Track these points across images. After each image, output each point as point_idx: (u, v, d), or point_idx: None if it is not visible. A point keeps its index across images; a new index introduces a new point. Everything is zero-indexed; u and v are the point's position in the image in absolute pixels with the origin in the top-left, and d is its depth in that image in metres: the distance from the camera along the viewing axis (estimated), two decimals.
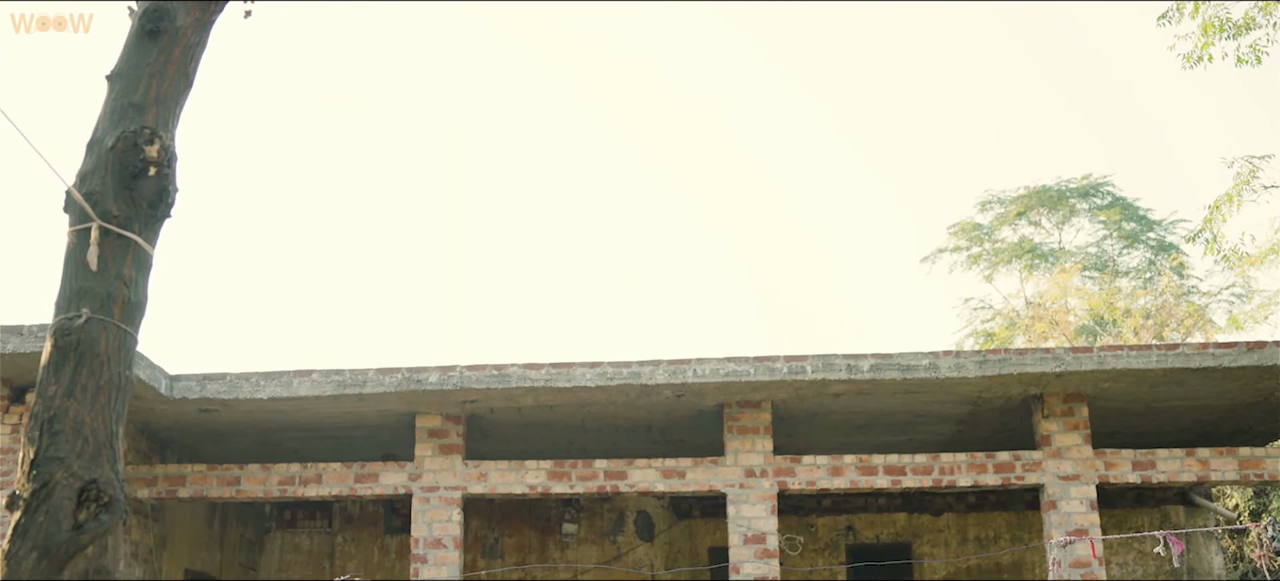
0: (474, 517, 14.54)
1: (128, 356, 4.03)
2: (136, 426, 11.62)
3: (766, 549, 10.95)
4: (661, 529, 14.71)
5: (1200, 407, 11.82)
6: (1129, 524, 14.27)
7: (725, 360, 10.64)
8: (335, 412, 11.37)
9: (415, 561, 11.01)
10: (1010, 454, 11.21)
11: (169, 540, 12.46)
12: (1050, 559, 10.89)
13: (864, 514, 14.69)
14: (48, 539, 3.78)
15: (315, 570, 14.51)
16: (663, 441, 12.67)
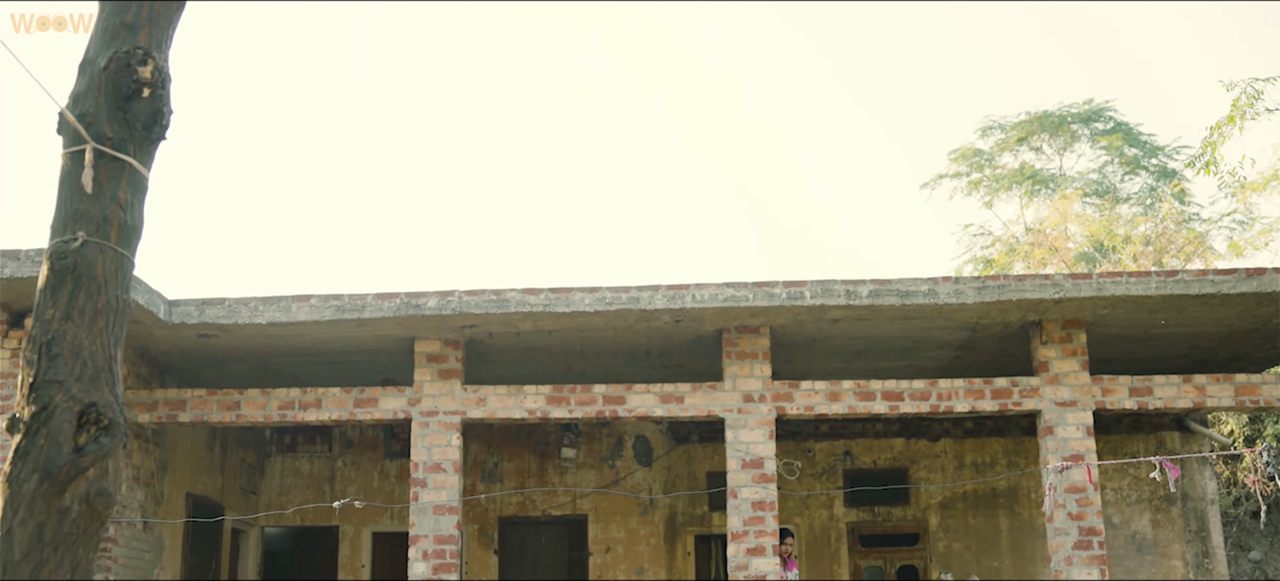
0: (473, 442, 14.62)
1: (125, 280, 4.00)
2: (136, 351, 11.63)
3: (764, 473, 11.02)
4: (660, 453, 14.80)
5: (1198, 334, 11.84)
6: (1125, 449, 14.36)
7: (724, 285, 10.64)
8: (334, 337, 11.38)
9: (415, 485, 11.09)
10: (1008, 380, 11.25)
11: (170, 464, 12.53)
12: (1046, 484, 10.97)
13: (862, 439, 14.78)
14: (49, 461, 3.79)
15: (315, 494, 14.62)
16: (661, 367, 12.70)
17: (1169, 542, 14.42)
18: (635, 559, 14.52)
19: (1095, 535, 10.83)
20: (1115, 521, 14.35)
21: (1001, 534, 14.50)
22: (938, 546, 14.49)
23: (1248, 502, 16.47)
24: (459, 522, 11.07)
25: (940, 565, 14.31)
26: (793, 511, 14.35)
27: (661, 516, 14.67)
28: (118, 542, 11.18)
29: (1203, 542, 14.60)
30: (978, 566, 14.28)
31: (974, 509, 14.60)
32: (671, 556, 14.58)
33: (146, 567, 11.88)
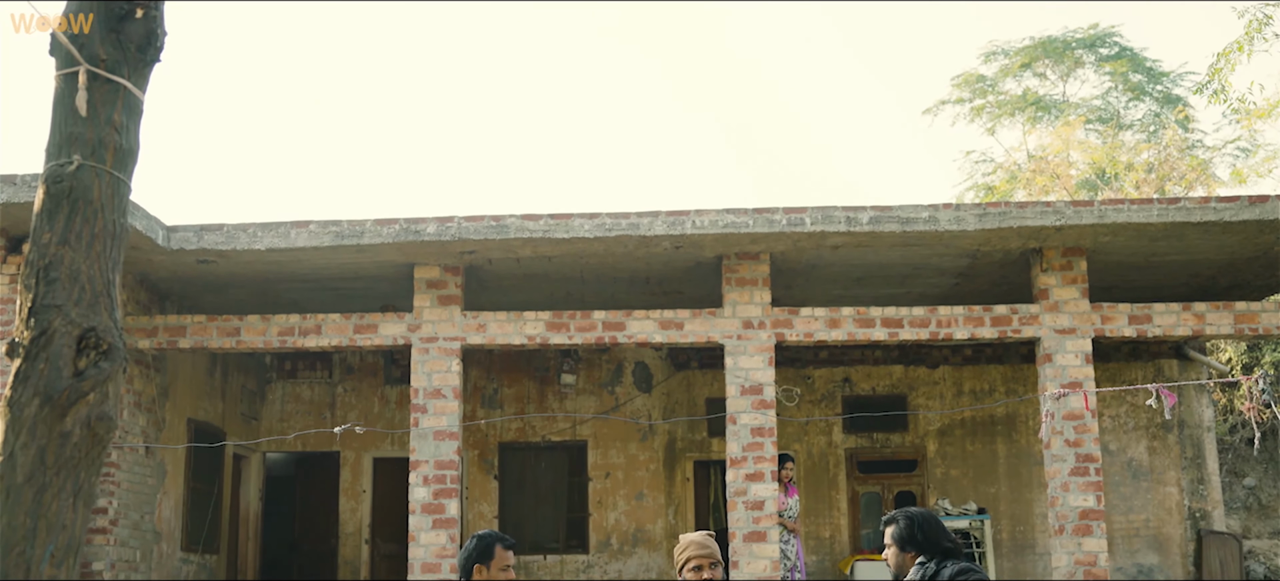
0: (473, 368, 14.66)
1: (121, 203, 3.97)
2: (135, 277, 11.62)
3: (763, 400, 11.06)
4: (659, 379, 14.85)
5: (1199, 262, 11.83)
6: (1123, 377, 14.41)
7: (724, 211, 10.60)
8: (334, 263, 11.37)
9: (415, 411, 11.13)
10: (1007, 307, 11.25)
11: (171, 390, 12.57)
12: (1044, 411, 11.02)
13: (861, 366, 14.82)
14: (49, 385, 3.78)
15: (316, 420, 14.69)
16: (661, 293, 12.70)
17: (1165, 469, 14.52)
18: (634, 484, 14.63)
19: (1092, 461, 10.89)
20: (1112, 448, 14.44)
21: (999, 460, 14.59)
22: (935, 472, 14.59)
23: (1243, 430, 16.56)
24: (459, 448, 11.14)
25: (938, 491, 14.42)
26: (791, 437, 14.43)
27: (661, 442, 14.75)
28: (120, 468, 11.25)
29: (1198, 469, 14.70)
30: (975, 492, 14.39)
31: (972, 436, 14.68)
32: (671, 482, 14.69)
33: (149, 492, 11.96)
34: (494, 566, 5.28)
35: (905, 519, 4.95)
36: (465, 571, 5.31)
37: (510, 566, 5.32)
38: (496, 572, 5.27)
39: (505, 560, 5.29)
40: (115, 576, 11.13)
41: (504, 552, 5.29)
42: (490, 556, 5.28)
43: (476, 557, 5.28)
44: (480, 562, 5.28)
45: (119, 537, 11.19)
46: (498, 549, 5.29)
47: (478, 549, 5.30)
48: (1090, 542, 10.77)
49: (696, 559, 5.35)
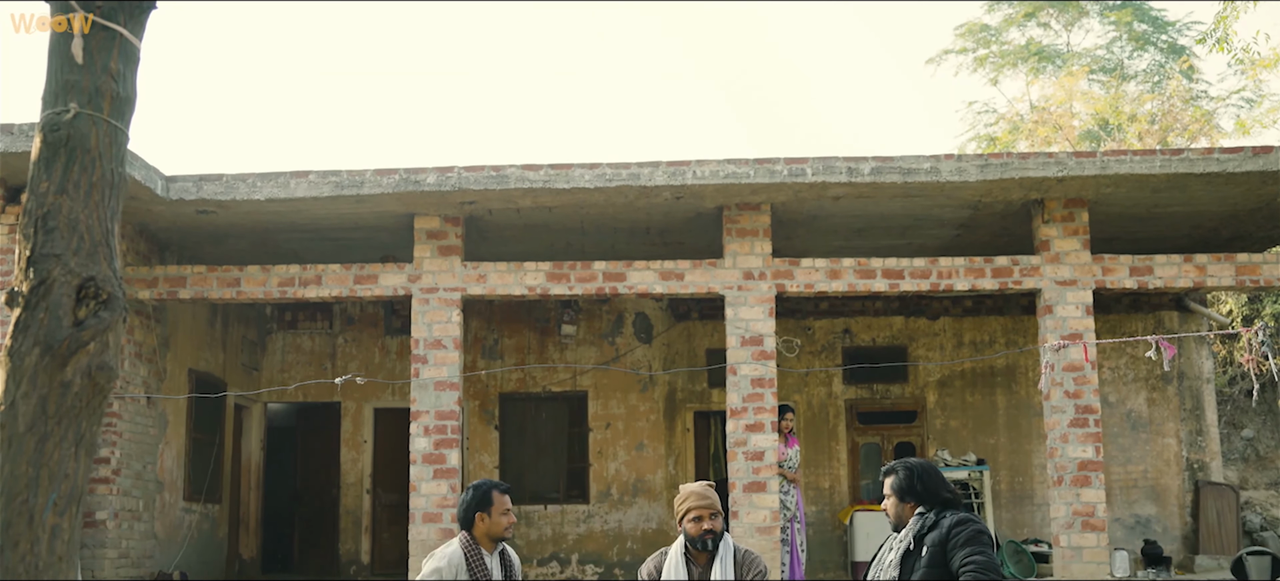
0: (473, 319, 14.67)
1: (119, 152, 3.95)
2: (134, 228, 11.60)
3: (764, 350, 11.07)
4: (659, 330, 14.86)
5: (1201, 213, 11.80)
6: (1123, 329, 14.42)
7: (725, 162, 10.56)
8: (333, 214, 11.34)
9: (415, 361, 11.14)
10: (1008, 258, 11.24)
11: (171, 340, 12.58)
12: (1043, 362, 11.03)
13: (861, 317, 14.82)
14: (49, 335, 3.77)
15: (317, 370, 14.72)
16: (661, 244, 12.68)
17: (1164, 420, 14.56)
18: (635, 434, 14.67)
19: (1091, 413, 10.92)
20: (1111, 400, 14.47)
21: (998, 411, 14.63)
22: (935, 423, 14.63)
23: (1242, 381, 16.59)
24: (460, 398, 11.16)
25: (937, 442, 14.47)
26: (791, 388, 14.46)
27: (661, 393, 14.79)
28: (122, 418, 11.27)
29: (1197, 420, 14.74)
30: (974, 443, 14.44)
31: (971, 387, 14.71)
32: (671, 432, 14.73)
33: (151, 443, 12.00)
34: (494, 512, 5.34)
35: (905, 469, 4.96)
36: (467, 521, 5.35)
37: (509, 509, 5.38)
38: (497, 517, 5.34)
39: (504, 504, 5.35)
40: (118, 526, 11.19)
41: (501, 497, 5.35)
42: (489, 503, 5.33)
43: (476, 506, 5.33)
44: (481, 510, 5.33)
45: (122, 487, 11.24)
46: (495, 495, 5.35)
47: (476, 498, 5.35)
48: (1089, 493, 10.82)
49: (697, 509, 5.37)
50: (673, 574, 5.38)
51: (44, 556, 3.47)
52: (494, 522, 5.32)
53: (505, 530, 5.34)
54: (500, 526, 5.32)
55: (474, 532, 5.33)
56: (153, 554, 11.96)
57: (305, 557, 15.12)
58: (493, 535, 5.32)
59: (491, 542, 5.34)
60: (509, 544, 5.49)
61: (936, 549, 4.70)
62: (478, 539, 5.32)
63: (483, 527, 5.32)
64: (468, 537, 5.32)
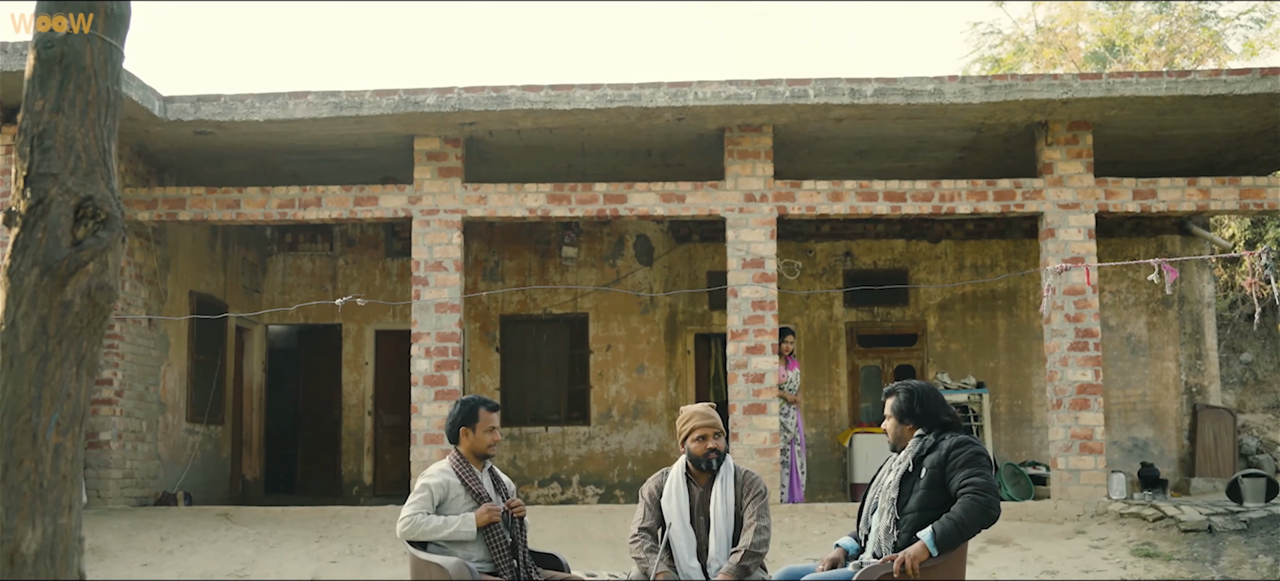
0: (474, 240, 14.65)
1: (114, 70, 3.90)
2: (132, 149, 11.53)
3: (765, 273, 11.06)
4: (660, 252, 14.85)
5: (1206, 136, 11.73)
6: (1125, 252, 14.40)
7: (727, 83, 10.48)
8: (332, 135, 11.28)
9: (416, 283, 11.14)
10: (1011, 181, 11.19)
11: (172, 262, 12.57)
12: (1045, 285, 11.02)
13: (862, 240, 14.80)
14: (48, 255, 3.75)
15: (318, 292, 14.72)
16: (663, 166, 12.62)
17: (1164, 344, 14.60)
18: (636, 357, 14.72)
19: (1091, 336, 10.94)
20: (1112, 323, 14.49)
21: (999, 335, 14.66)
22: (935, 347, 14.67)
23: (1243, 306, 16.61)
24: (460, 320, 11.17)
25: (937, 365, 14.51)
26: (792, 311, 14.48)
27: (662, 315, 14.81)
28: (123, 340, 11.30)
29: (1197, 344, 14.77)
30: (974, 367, 14.48)
31: (972, 310, 14.72)
32: (672, 354, 14.78)
33: (153, 364, 12.04)
34: (479, 428, 5.37)
35: (905, 391, 4.97)
36: (453, 436, 5.40)
37: (495, 428, 5.41)
38: (482, 434, 5.37)
39: (490, 421, 5.39)
40: (122, 447, 11.26)
41: (488, 415, 5.38)
42: (475, 418, 5.37)
43: (462, 420, 5.37)
44: (465, 425, 5.37)
45: (124, 408, 11.30)
46: (482, 411, 5.38)
47: (462, 412, 5.38)
48: (1087, 416, 10.87)
49: (701, 428, 5.40)
50: (674, 493, 5.42)
51: (48, 474, 3.48)
52: (478, 438, 5.36)
53: (489, 447, 5.37)
54: (484, 443, 5.36)
55: (460, 448, 5.38)
56: (157, 474, 12.06)
57: (308, 478, 15.25)
58: (476, 451, 5.37)
59: (478, 459, 5.39)
60: (495, 464, 5.54)
61: (935, 470, 4.73)
62: (464, 454, 5.38)
63: (467, 443, 5.37)
64: (457, 454, 5.37)
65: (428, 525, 5.13)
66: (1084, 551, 9.50)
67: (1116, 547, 9.56)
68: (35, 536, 3.37)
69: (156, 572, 9.08)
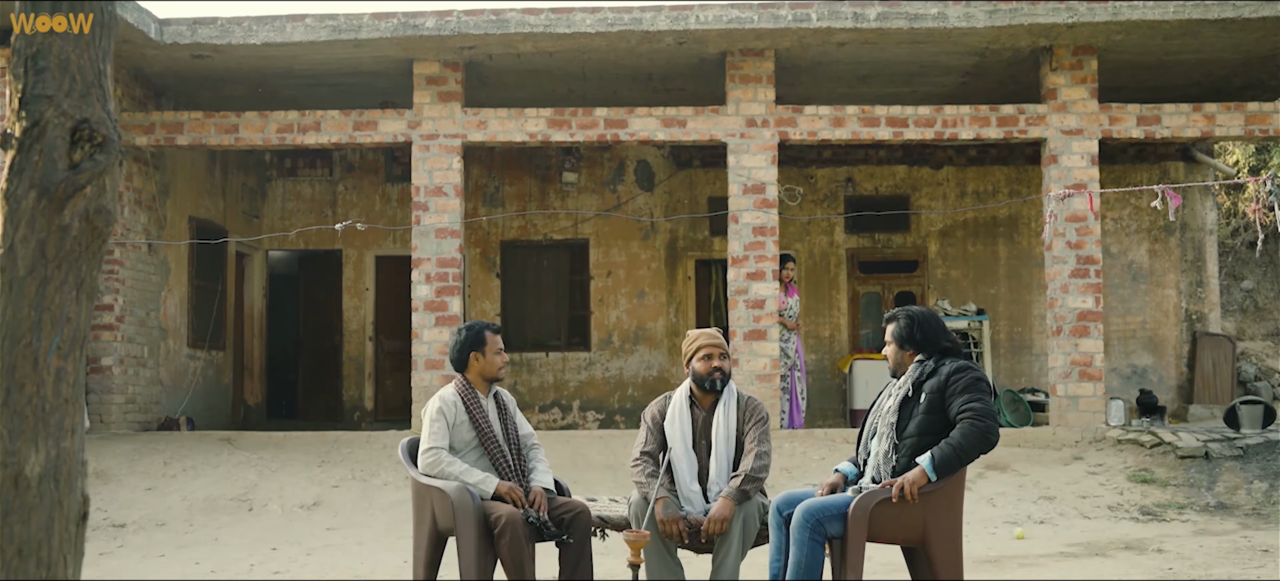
0: (474, 166, 14.59)
1: None
2: (129, 73, 11.44)
3: (766, 199, 11.03)
4: (661, 178, 14.79)
5: (1212, 62, 11.63)
6: (1128, 179, 14.34)
7: (728, 5, 10.37)
8: (331, 59, 11.18)
9: (416, 208, 11.11)
10: (1014, 107, 11.12)
11: (171, 188, 12.53)
12: (1047, 212, 11.00)
13: (864, 166, 14.74)
14: (45, 178, 3.72)
15: (317, 217, 14.69)
16: (664, 90, 12.53)
17: (1165, 272, 14.59)
18: (636, 282, 14.72)
19: (1092, 263, 10.93)
20: (1113, 251, 14.47)
21: (999, 262, 14.65)
22: (936, 273, 14.66)
23: (1245, 233, 16.57)
24: (461, 246, 11.16)
25: (938, 292, 14.52)
26: (793, 237, 14.45)
27: (662, 241, 14.78)
28: (124, 265, 11.29)
29: (1198, 272, 14.77)
30: (974, 293, 14.49)
31: (973, 237, 14.70)
32: (672, 280, 14.78)
33: (154, 290, 12.04)
34: (488, 351, 5.37)
35: (906, 317, 4.96)
36: (460, 363, 5.39)
37: (502, 350, 5.42)
38: (491, 357, 5.37)
39: (497, 344, 5.39)
40: (124, 372, 11.30)
41: (494, 337, 5.38)
42: (483, 343, 5.37)
43: (470, 346, 5.36)
44: (475, 350, 5.36)
45: (126, 334, 11.32)
46: (488, 335, 5.37)
47: (470, 337, 5.37)
48: (1087, 343, 10.90)
49: (706, 347, 5.42)
50: (677, 417, 5.44)
51: (50, 398, 3.48)
52: (488, 362, 5.36)
53: (499, 370, 5.38)
54: (495, 366, 5.36)
55: (468, 374, 5.37)
56: (159, 400, 12.11)
57: (309, 404, 15.32)
58: (487, 375, 5.36)
59: (486, 384, 5.38)
60: (504, 387, 5.55)
61: (935, 395, 4.74)
62: (472, 381, 5.36)
63: (477, 368, 5.36)
64: (463, 381, 5.36)
65: (452, 469, 5.12)
66: (1081, 477, 9.57)
67: (1113, 473, 9.63)
68: (39, 459, 3.38)
69: (160, 496, 9.15)
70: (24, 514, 3.02)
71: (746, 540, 5.21)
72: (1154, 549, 7.40)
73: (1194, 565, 6.78)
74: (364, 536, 8.21)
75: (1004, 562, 7.00)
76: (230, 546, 7.88)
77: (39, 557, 2.95)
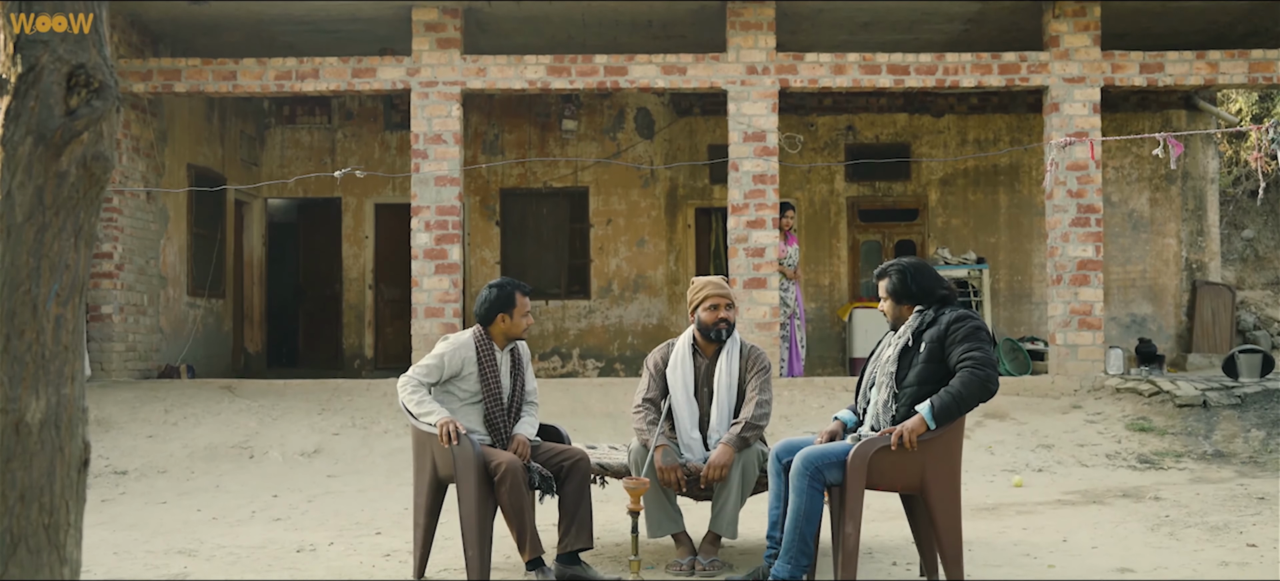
0: (473, 113, 14.52)
1: None
2: (125, 19, 11.36)
3: (766, 146, 10.99)
4: (661, 126, 14.73)
5: (1216, 8, 11.54)
6: (1130, 127, 14.29)
7: None
8: (329, 5, 11.10)
9: (416, 156, 11.07)
10: (1016, 55, 11.05)
11: (169, 135, 12.47)
12: (1048, 160, 10.96)
13: (865, 114, 14.67)
14: (41, 124, 3.70)
15: (316, 165, 14.64)
16: (664, 37, 12.45)
17: (1165, 221, 14.57)
18: (636, 230, 14.70)
19: (1093, 212, 10.91)
20: (1114, 199, 14.44)
21: (1000, 210, 14.62)
22: (936, 222, 14.64)
23: (1247, 181, 16.53)
24: (460, 194, 11.13)
25: (938, 240, 14.50)
26: (793, 185, 14.42)
27: (662, 189, 14.75)
28: (123, 212, 11.27)
29: (1199, 221, 14.75)
30: (975, 242, 14.47)
31: (974, 185, 14.66)
32: (672, 228, 14.76)
33: (153, 238, 12.03)
34: (516, 313, 5.34)
35: (897, 271, 4.94)
36: (487, 319, 5.35)
37: (529, 312, 5.39)
38: (518, 318, 5.34)
39: (525, 306, 5.36)
40: (124, 320, 11.31)
41: (523, 299, 5.35)
42: (512, 304, 5.33)
43: (500, 306, 5.32)
44: (503, 311, 5.33)
45: (125, 282, 11.31)
46: (518, 296, 5.34)
47: (500, 297, 5.33)
48: (1087, 292, 10.90)
49: (713, 297, 5.42)
50: (680, 364, 5.45)
51: (50, 345, 3.49)
52: (514, 323, 5.33)
53: (524, 331, 5.37)
54: (520, 328, 5.34)
55: (491, 330, 5.34)
56: (159, 347, 12.13)
57: (310, 352, 15.35)
58: (511, 334, 5.34)
59: (505, 340, 5.37)
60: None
61: (935, 344, 4.74)
62: (493, 335, 5.34)
63: (502, 327, 5.33)
64: (482, 332, 5.34)
65: (419, 408, 5.12)
66: (1079, 425, 9.61)
67: (1112, 422, 9.66)
68: (39, 406, 3.39)
69: (161, 443, 9.19)
70: (25, 460, 3.03)
71: (746, 487, 5.24)
72: (1151, 496, 7.44)
73: (1191, 512, 6.82)
74: (365, 483, 8.25)
75: (1002, 510, 7.04)
76: (231, 493, 7.92)
77: (41, 503, 2.96)
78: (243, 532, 6.47)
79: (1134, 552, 5.68)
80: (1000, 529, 6.40)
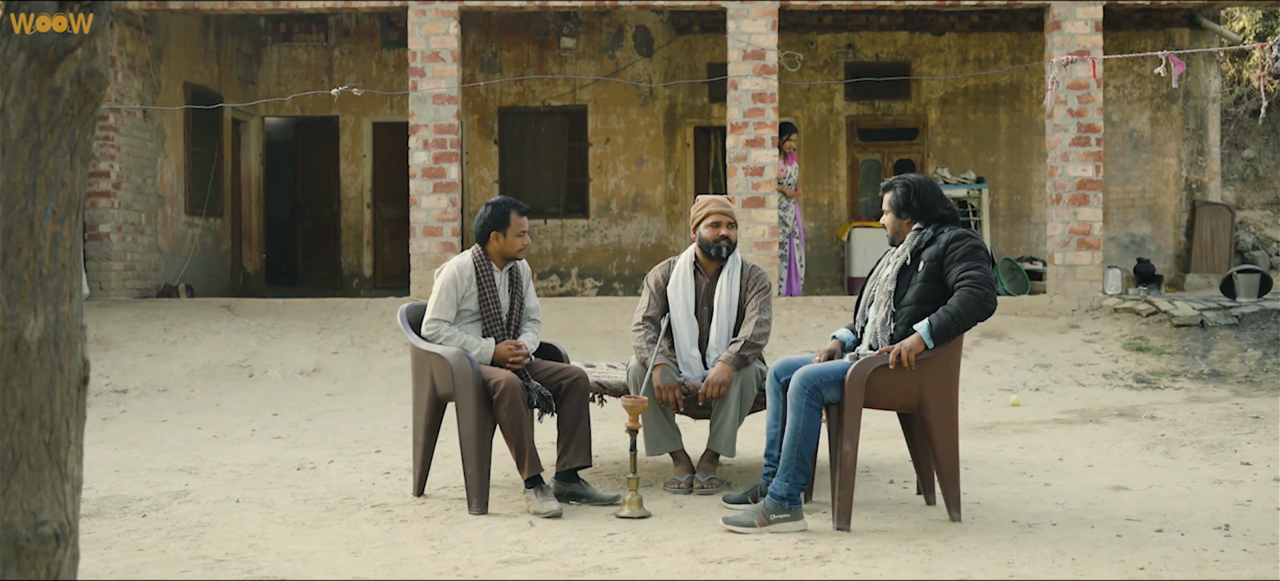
0: (471, 31, 14.39)
1: None
2: None
3: (765, 65, 10.90)
4: (660, 44, 14.60)
5: None
6: (1132, 45, 14.16)
7: None
8: None
9: (413, 74, 10.98)
10: None
11: (164, 53, 12.36)
12: (1049, 79, 10.88)
13: (865, 32, 14.54)
14: (34, 40, 3.65)
15: (313, 83, 14.53)
16: None
17: (1166, 140, 14.50)
18: (634, 149, 14.63)
19: (1094, 131, 10.85)
20: (1115, 119, 14.36)
21: (1000, 130, 14.55)
22: (936, 141, 14.57)
23: (1249, 101, 16.44)
24: (458, 112, 11.06)
25: (937, 160, 14.44)
26: (793, 104, 14.33)
27: (661, 107, 14.66)
28: (119, 131, 11.20)
29: (1199, 140, 14.68)
30: (974, 162, 14.42)
31: (974, 104, 14.57)
32: (671, 147, 14.69)
33: (150, 156, 11.97)
34: (510, 232, 5.30)
35: (902, 185, 4.93)
36: (482, 238, 5.33)
37: (525, 232, 5.35)
38: (512, 238, 5.31)
39: (521, 226, 5.32)
40: (122, 239, 11.29)
41: (519, 218, 5.31)
42: (506, 222, 5.29)
43: (493, 224, 5.29)
44: (496, 229, 5.29)
45: (123, 201, 11.28)
46: (513, 215, 5.30)
47: (493, 215, 5.29)
48: (1086, 212, 10.88)
49: (715, 215, 5.41)
50: (680, 283, 5.46)
51: (47, 263, 3.48)
52: (508, 242, 5.30)
53: (519, 251, 5.31)
54: (514, 247, 5.30)
55: (487, 249, 5.32)
56: (157, 266, 12.13)
57: (308, 271, 15.35)
58: (506, 254, 5.31)
59: (503, 260, 5.34)
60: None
61: (933, 263, 4.73)
62: (490, 253, 5.32)
63: (497, 246, 5.30)
64: (480, 251, 5.32)
65: (453, 341, 5.13)
66: (1077, 345, 9.64)
67: (1109, 341, 9.70)
68: (38, 324, 3.39)
69: (161, 362, 9.22)
70: (25, 377, 3.04)
71: (744, 406, 5.26)
72: (1147, 416, 7.49)
73: (1186, 431, 6.87)
74: (364, 402, 8.29)
75: (999, 429, 7.09)
76: (231, 411, 7.96)
77: (41, 420, 2.98)
78: (243, 450, 6.52)
79: (1129, 470, 5.73)
80: (997, 447, 6.45)
